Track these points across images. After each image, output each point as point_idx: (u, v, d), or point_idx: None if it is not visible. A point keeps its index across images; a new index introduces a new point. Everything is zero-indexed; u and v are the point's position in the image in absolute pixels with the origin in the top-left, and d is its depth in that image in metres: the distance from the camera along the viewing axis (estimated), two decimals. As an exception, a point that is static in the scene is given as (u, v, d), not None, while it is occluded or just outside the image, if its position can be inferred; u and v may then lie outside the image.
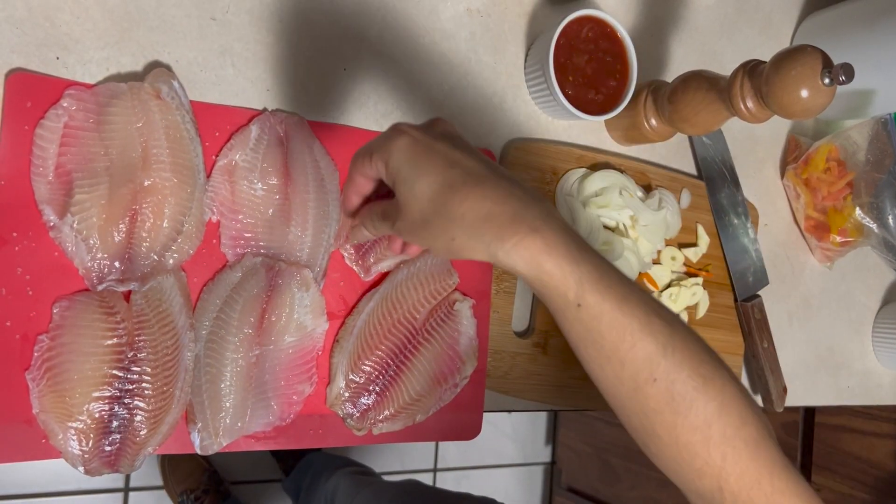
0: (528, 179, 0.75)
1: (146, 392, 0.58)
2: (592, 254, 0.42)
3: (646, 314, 0.41)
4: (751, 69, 0.61)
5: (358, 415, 0.66)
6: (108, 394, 0.57)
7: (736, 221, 0.87)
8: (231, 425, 0.61)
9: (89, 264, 0.57)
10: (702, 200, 0.85)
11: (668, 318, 0.42)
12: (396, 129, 0.44)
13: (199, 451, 0.60)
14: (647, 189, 0.81)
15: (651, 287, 0.81)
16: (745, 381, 0.89)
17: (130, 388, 0.57)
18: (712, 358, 0.43)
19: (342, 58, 0.68)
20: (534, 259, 0.40)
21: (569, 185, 0.77)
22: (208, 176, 0.62)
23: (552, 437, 2.00)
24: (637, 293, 0.42)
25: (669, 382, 0.41)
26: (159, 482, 1.54)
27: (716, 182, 0.86)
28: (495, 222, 0.40)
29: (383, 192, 0.51)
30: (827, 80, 0.56)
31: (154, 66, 0.62)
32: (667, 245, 0.82)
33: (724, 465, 0.42)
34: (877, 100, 0.86)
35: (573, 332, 0.42)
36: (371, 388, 0.66)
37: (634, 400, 0.42)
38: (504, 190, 0.41)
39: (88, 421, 0.56)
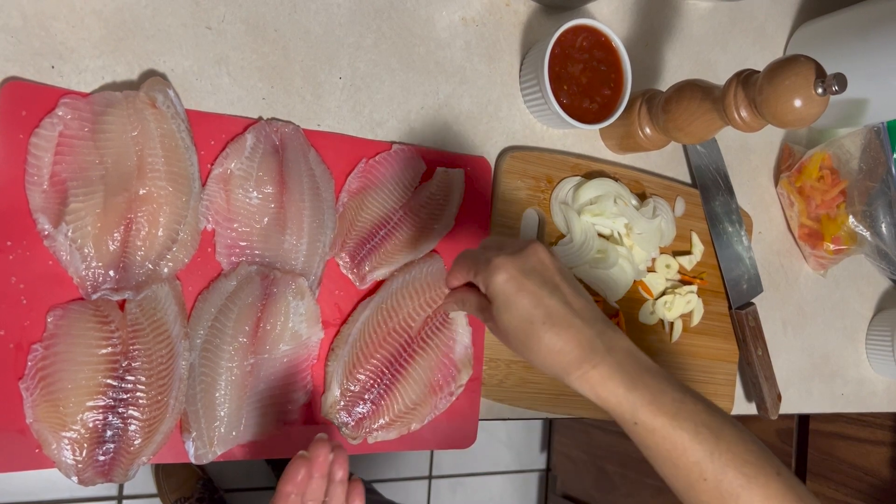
0: (523, 188, 0.75)
1: (140, 401, 0.57)
2: (649, 377, 0.50)
3: (694, 425, 0.49)
4: (744, 79, 0.61)
5: (353, 423, 0.66)
6: (103, 403, 0.56)
7: (730, 229, 0.87)
8: (226, 434, 0.61)
9: (84, 273, 0.57)
10: (696, 208, 0.85)
11: (715, 426, 0.50)
12: (496, 263, 0.52)
13: (193, 461, 0.60)
14: (642, 197, 0.82)
15: (646, 294, 0.81)
16: (739, 388, 0.89)
17: (125, 397, 0.57)
18: (759, 457, 0.50)
19: (337, 66, 0.69)
20: (594, 389, 0.50)
21: (563, 194, 0.77)
22: (203, 185, 0.62)
23: (547, 444, 2.00)
24: (688, 406, 0.50)
25: (717, 482, 0.49)
26: (153, 490, 1.53)
27: (710, 190, 0.86)
28: (564, 359, 0.50)
29: None
30: (820, 90, 0.56)
31: (149, 74, 0.62)
32: (661, 253, 0.83)
33: None
34: (870, 108, 0.86)
35: (634, 441, 0.51)
36: (366, 396, 0.66)
37: (689, 494, 0.51)
38: (575, 330, 0.50)
39: (82, 430, 0.56)
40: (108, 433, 0.57)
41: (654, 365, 0.52)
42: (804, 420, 1.28)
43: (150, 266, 0.59)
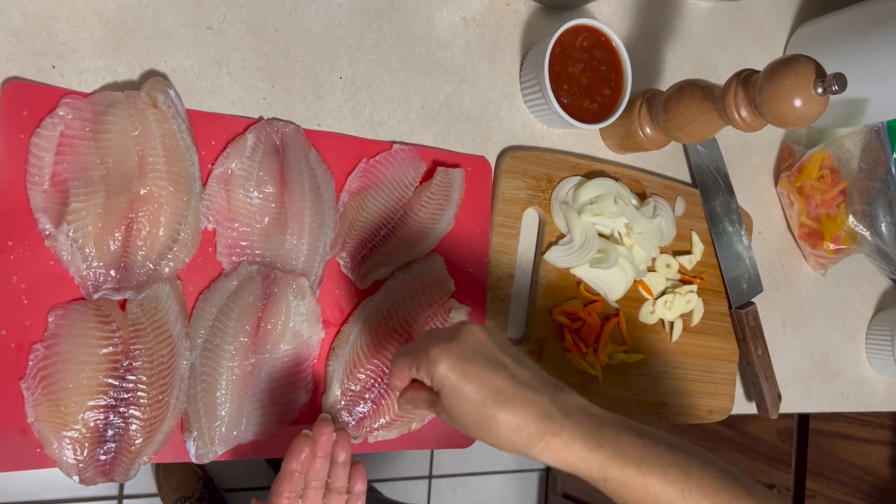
0: (524, 187, 0.75)
1: (141, 401, 0.57)
2: (609, 429, 0.50)
3: (662, 468, 0.49)
4: (744, 78, 0.61)
5: (354, 423, 0.66)
6: (104, 403, 0.56)
7: (730, 229, 0.87)
8: (227, 434, 0.61)
9: (85, 273, 0.57)
10: (696, 208, 0.85)
11: (681, 462, 0.50)
12: (433, 354, 0.52)
13: (194, 460, 0.60)
14: (642, 197, 0.82)
15: (646, 294, 0.81)
16: (739, 388, 0.89)
17: (126, 396, 0.57)
18: (728, 482, 0.50)
19: (338, 66, 0.69)
20: (559, 455, 0.50)
21: (564, 193, 0.77)
22: (204, 184, 0.62)
23: (548, 443, 2.00)
24: (651, 450, 0.50)
25: None
26: (153, 490, 1.53)
27: (710, 190, 0.86)
28: (524, 433, 0.50)
29: None
30: (820, 90, 0.56)
31: (150, 74, 0.62)
32: (661, 253, 0.83)
33: None
34: (869, 108, 0.86)
35: (607, 494, 0.51)
36: (367, 396, 0.66)
37: None
38: (528, 402, 0.50)
39: (83, 430, 0.56)
40: (110, 433, 0.57)
41: (609, 415, 0.52)
42: (804, 419, 1.28)
43: (151, 266, 0.59)
